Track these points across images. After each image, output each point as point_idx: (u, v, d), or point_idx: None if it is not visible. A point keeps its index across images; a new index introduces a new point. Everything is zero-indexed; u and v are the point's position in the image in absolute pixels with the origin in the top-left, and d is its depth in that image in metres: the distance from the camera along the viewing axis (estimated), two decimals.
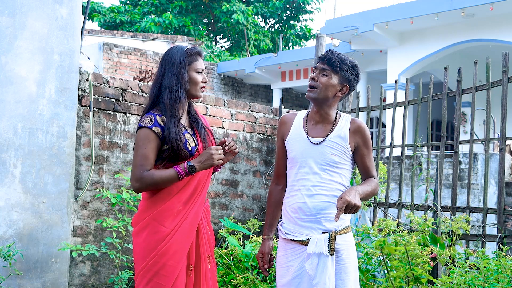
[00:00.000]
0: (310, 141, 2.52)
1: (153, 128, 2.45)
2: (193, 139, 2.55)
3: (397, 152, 8.99)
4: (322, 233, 2.43)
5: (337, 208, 2.30)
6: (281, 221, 2.62)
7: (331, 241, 2.40)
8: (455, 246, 4.24)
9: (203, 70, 2.60)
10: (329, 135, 2.52)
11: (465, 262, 3.69)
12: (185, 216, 2.47)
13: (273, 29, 23.49)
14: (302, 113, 2.65)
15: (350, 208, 2.30)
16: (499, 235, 4.26)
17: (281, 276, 2.54)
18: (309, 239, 2.43)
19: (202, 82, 2.59)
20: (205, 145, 2.59)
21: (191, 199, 2.50)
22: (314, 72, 2.55)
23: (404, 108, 5.17)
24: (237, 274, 3.97)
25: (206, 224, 2.61)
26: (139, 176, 2.44)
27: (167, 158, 2.48)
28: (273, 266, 2.75)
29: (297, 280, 2.47)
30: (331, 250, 2.39)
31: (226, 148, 2.60)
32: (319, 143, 2.51)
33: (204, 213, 2.61)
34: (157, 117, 2.48)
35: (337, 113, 2.60)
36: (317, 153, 2.49)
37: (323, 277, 2.38)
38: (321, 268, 2.39)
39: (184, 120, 2.59)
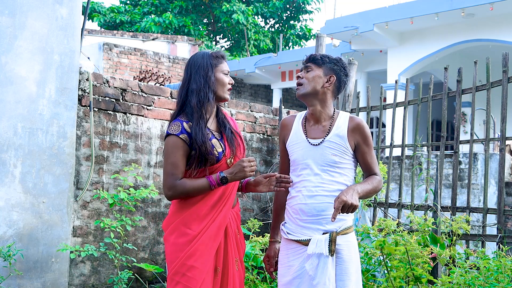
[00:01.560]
0: (309, 142, 2.53)
1: (180, 136, 2.46)
2: (220, 144, 2.55)
3: (397, 152, 8.99)
4: (323, 233, 2.43)
5: (334, 208, 2.30)
6: (284, 221, 2.63)
7: (332, 241, 2.40)
8: (455, 246, 4.24)
9: (228, 72, 2.63)
10: (327, 135, 2.52)
11: (465, 262, 3.69)
12: (212, 219, 2.49)
13: (273, 29, 23.48)
14: (301, 114, 2.66)
15: (347, 208, 2.30)
16: (499, 235, 4.26)
17: (282, 276, 2.55)
18: (309, 240, 2.44)
19: (228, 83, 2.61)
20: (233, 149, 2.59)
21: (218, 203, 2.52)
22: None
23: (404, 108, 5.17)
24: None
25: (235, 227, 2.62)
26: (171, 184, 2.46)
27: (195, 163, 2.49)
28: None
29: (297, 280, 2.47)
30: (332, 251, 2.39)
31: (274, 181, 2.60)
32: (318, 144, 2.51)
33: (234, 217, 2.63)
34: (184, 123, 2.49)
35: (334, 111, 2.60)
36: (317, 154, 2.50)
37: (323, 277, 2.38)
38: (321, 269, 2.39)
39: (211, 124, 2.59)
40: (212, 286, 2.49)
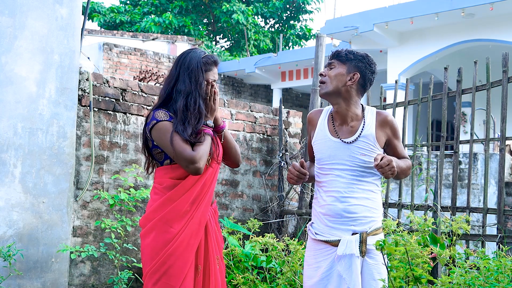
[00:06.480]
0: (336, 142, 2.45)
1: (171, 121, 2.43)
2: None
3: None
4: (352, 234, 2.37)
5: (375, 160, 2.27)
6: (311, 221, 2.57)
7: (362, 242, 2.35)
8: (455, 246, 4.23)
9: (214, 81, 2.53)
10: (355, 134, 2.44)
11: (465, 262, 3.69)
12: (192, 216, 2.46)
13: (273, 29, 23.48)
14: (327, 110, 2.57)
15: (386, 169, 2.26)
16: (499, 235, 4.25)
17: (308, 277, 2.48)
18: (339, 240, 2.38)
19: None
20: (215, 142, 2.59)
21: (197, 199, 2.49)
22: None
23: (404, 108, 5.17)
24: (237, 274, 3.97)
25: (214, 224, 2.60)
26: (191, 157, 2.37)
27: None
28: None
29: (324, 281, 2.42)
30: (362, 252, 2.34)
31: None
32: (347, 143, 2.44)
33: (212, 214, 2.61)
34: (170, 113, 2.47)
35: (363, 108, 2.52)
36: (345, 155, 2.42)
37: (357, 278, 2.33)
38: (355, 270, 2.34)
39: None
40: (194, 285, 2.46)
